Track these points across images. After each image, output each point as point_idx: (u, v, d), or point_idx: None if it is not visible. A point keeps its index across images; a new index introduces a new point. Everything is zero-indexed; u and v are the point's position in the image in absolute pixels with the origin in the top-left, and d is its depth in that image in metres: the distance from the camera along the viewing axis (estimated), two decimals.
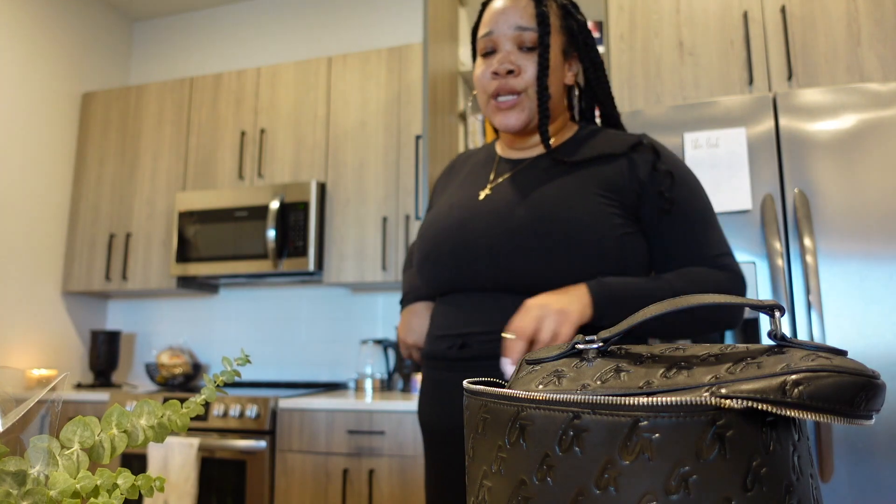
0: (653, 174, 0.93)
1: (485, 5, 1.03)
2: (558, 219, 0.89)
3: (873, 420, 0.34)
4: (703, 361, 0.39)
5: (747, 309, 1.19)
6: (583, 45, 1.02)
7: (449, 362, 0.96)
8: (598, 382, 0.41)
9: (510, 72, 0.96)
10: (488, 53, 0.99)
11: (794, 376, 0.33)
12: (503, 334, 0.82)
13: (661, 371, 0.39)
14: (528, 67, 0.96)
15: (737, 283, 0.92)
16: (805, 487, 0.36)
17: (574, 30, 1.01)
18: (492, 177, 1.03)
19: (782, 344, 0.39)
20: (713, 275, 0.90)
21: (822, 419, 0.32)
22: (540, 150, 1.03)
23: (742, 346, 0.40)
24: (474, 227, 0.95)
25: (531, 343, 0.79)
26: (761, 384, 0.33)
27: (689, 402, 0.34)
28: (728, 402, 0.33)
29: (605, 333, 0.45)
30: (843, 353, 0.36)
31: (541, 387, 0.44)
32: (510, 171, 1.02)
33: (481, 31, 1.01)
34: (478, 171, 1.08)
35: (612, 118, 1.07)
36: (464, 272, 0.95)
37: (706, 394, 0.34)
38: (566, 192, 0.91)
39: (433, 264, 1.00)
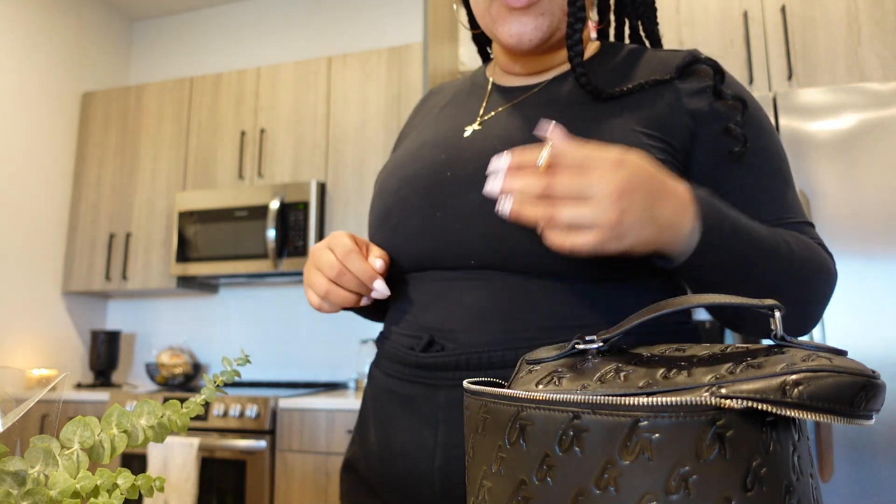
0: (714, 104, 0.63)
1: None
2: None
3: (873, 420, 0.34)
4: (703, 361, 0.39)
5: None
6: None
7: (412, 369, 0.64)
8: (598, 382, 0.41)
9: None
10: None
11: (794, 376, 0.33)
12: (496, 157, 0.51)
13: (662, 371, 0.39)
14: None
15: (833, 266, 0.64)
16: (805, 487, 0.36)
17: None
18: (482, 110, 0.71)
19: (782, 344, 0.39)
20: (817, 249, 0.62)
21: (822, 419, 0.32)
22: (555, 73, 0.71)
23: (742, 346, 0.40)
24: (458, 174, 0.64)
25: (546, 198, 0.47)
26: (761, 384, 0.33)
27: (689, 402, 0.34)
28: (728, 402, 0.33)
29: (605, 334, 0.45)
30: (843, 353, 0.36)
31: (541, 387, 0.44)
32: (510, 101, 0.70)
33: None
34: (460, 101, 0.75)
35: (653, 37, 0.75)
36: (440, 240, 0.63)
37: (706, 394, 0.34)
38: (598, 129, 0.62)
39: (393, 229, 0.67)
